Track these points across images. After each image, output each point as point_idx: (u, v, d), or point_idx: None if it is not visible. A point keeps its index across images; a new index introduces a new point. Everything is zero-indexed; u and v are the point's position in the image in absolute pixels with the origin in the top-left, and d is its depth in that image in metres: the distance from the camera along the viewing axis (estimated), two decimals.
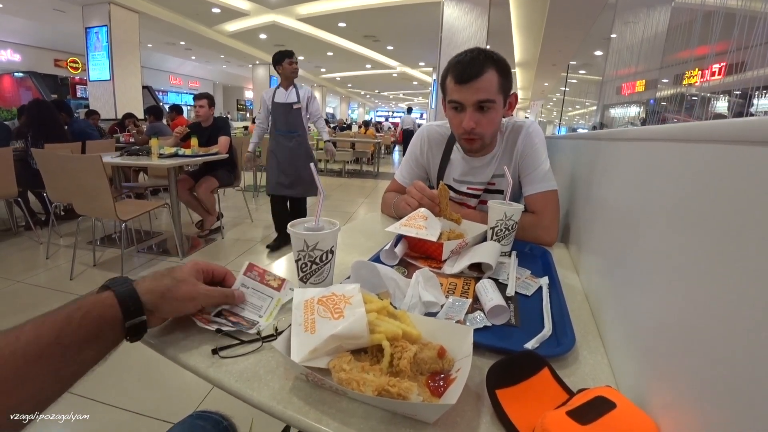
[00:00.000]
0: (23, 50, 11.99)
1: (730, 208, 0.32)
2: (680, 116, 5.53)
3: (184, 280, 0.51)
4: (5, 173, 3.07)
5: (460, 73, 0.98)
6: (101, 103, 7.75)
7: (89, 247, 3.05)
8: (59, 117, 3.79)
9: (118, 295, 0.45)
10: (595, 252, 0.76)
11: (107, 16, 7.43)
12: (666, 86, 6.23)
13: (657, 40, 5.96)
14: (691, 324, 0.34)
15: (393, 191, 1.29)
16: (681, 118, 5.48)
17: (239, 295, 0.58)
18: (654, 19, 6.07)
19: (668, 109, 6.05)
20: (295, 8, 8.36)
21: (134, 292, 0.46)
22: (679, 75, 5.66)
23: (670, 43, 5.59)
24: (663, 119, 6.01)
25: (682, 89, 5.65)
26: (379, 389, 0.38)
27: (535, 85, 15.05)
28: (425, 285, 0.62)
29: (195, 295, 0.52)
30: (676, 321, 0.37)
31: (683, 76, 5.56)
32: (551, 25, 7.61)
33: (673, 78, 5.92)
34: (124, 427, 1.39)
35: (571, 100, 18.49)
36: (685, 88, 5.58)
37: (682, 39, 5.16)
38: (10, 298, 2.36)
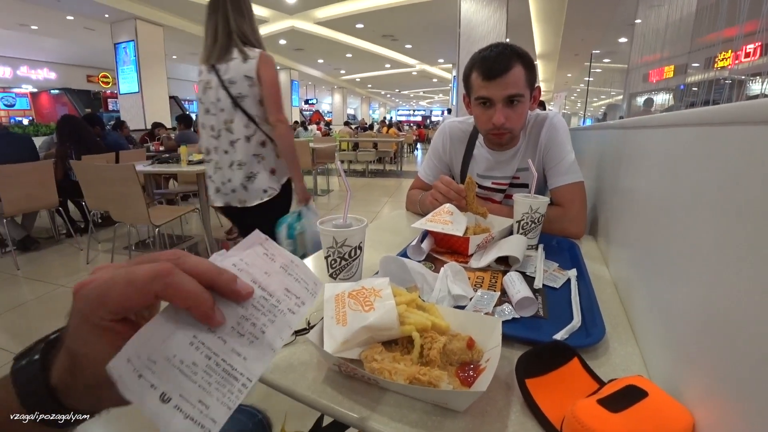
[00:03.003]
0: (58, 68, 12.65)
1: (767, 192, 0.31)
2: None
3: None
4: (47, 185, 3.25)
5: (488, 69, 0.99)
6: (131, 114, 8.09)
7: (126, 252, 3.18)
8: (91, 130, 3.98)
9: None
10: (625, 243, 0.75)
11: (134, 31, 7.75)
12: (697, 71, 5.97)
13: (685, 23, 5.70)
14: (727, 313, 0.34)
15: (417, 188, 1.30)
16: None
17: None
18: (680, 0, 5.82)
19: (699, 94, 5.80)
20: (312, 12, 8.46)
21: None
22: (711, 58, 5.42)
23: (699, 25, 5.35)
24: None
25: (714, 73, 5.41)
26: (411, 377, 0.40)
27: (557, 76, 14.70)
28: (454, 278, 0.63)
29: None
30: (710, 311, 0.37)
31: (715, 59, 5.32)
32: (572, 13, 7.42)
33: (704, 62, 5.67)
34: None
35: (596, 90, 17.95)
36: (717, 71, 5.33)
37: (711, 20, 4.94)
38: (53, 301, 2.50)
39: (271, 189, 1.62)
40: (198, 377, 0.25)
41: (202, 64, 1.59)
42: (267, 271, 0.31)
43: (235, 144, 1.57)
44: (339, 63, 14.35)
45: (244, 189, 1.58)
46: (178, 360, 0.25)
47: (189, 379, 0.25)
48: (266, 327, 0.28)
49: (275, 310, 0.30)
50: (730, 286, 0.34)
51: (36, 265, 3.12)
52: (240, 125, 1.55)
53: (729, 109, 0.40)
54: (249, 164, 1.57)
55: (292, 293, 0.31)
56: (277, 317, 0.29)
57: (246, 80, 1.52)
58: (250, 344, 0.27)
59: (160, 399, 0.24)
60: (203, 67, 1.58)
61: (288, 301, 0.31)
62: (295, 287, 0.32)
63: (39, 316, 2.32)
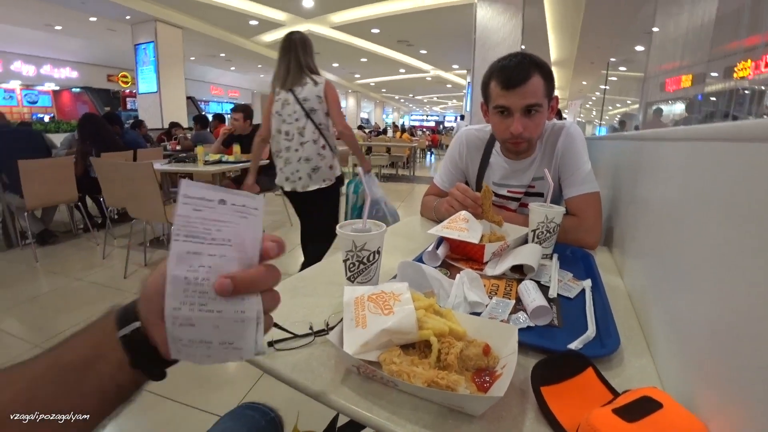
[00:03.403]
0: (80, 67, 12.95)
1: None
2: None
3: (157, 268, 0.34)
4: (67, 180, 3.34)
5: (507, 78, 1.00)
6: (149, 114, 8.25)
7: (141, 249, 3.24)
8: (110, 128, 4.07)
9: (117, 307, 0.37)
10: (640, 254, 0.75)
11: (154, 32, 7.92)
12: (715, 80, 5.87)
13: (704, 31, 5.62)
14: (743, 326, 0.34)
15: (432, 195, 1.31)
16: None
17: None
18: (700, 8, 5.73)
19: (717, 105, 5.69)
20: (329, 17, 8.54)
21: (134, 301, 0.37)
22: (730, 68, 5.33)
23: (718, 34, 5.26)
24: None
25: (733, 83, 5.31)
26: (429, 381, 0.41)
27: (572, 84, 14.59)
28: (470, 285, 0.64)
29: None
30: (726, 323, 0.37)
31: (734, 69, 5.23)
32: (588, 21, 7.37)
33: (723, 71, 5.57)
34: (176, 417, 1.48)
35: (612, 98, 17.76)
36: (736, 81, 5.24)
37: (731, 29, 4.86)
38: (70, 294, 2.56)
39: (328, 180, 2.18)
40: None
41: (278, 88, 2.12)
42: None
43: (305, 145, 2.10)
44: (354, 67, 14.44)
45: (309, 178, 2.13)
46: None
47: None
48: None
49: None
50: (745, 299, 0.34)
51: (54, 258, 3.20)
52: (309, 131, 2.09)
53: (750, 125, 0.40)
54: (314, 160, 2.12)
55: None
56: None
57: (317, 99, 2.07)
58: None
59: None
60: (280, 90, 2.12)
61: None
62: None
63: (55, 307, 2.38)
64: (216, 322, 0.32)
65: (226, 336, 0.32)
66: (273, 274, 0.35)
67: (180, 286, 0.31)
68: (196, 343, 0.32)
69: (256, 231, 0.35)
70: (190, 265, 0.32)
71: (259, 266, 0.35)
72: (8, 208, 3.33)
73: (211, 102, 17.89)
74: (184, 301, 0.31)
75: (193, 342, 0.32)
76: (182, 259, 0.32)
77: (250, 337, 0.33)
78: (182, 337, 0.31)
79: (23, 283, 2.72)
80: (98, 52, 12.27)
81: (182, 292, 0.31)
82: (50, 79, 12.73)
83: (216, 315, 0.32)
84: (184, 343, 0.31)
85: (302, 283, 0.78)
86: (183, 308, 0.31)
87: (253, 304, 0.33)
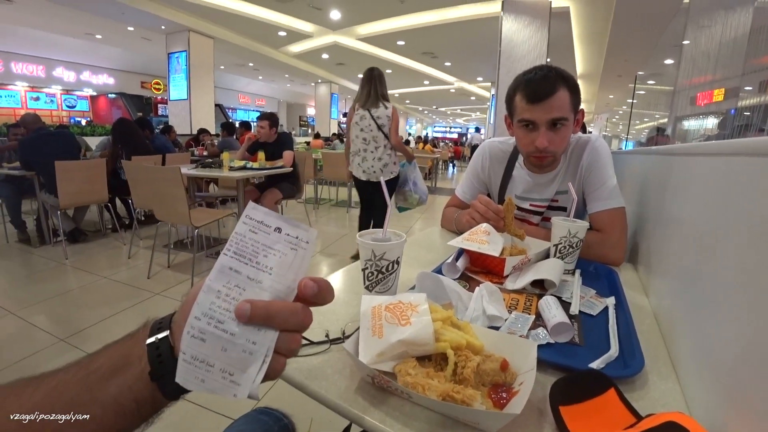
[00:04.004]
0: (116, 74, 13.61)
1: None
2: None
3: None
4: (99, 181, 3.48)
5: (533, 92, 0.99)
6: (179, 120, 8.55)
7: (165, 250, 3.33)
8: (141, 133, 4.23)
9: (154, 319, 0.37)
10: (668, 273, 0.72)
11: (186, 42, 8.25)
12: (749, 94, 5.66)
13: (737, 45, 5.43)
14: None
15: (453, 206, 1.30)
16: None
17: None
18: (733, 21, 5.55)
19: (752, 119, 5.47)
20: (355, 29, 8.69)
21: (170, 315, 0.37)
22: (765, 81, 5.13)
23: (752, 47, 5.08)
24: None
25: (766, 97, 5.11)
26: (444, 394, 0.40)
27: (599, 97, 14.34)
28: (489, 299, 0.63)
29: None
30: (761, 350, 0.35)
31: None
32: (616, 34, 7.25)
33: (757, 85, 5.37)
34: (190, 418, 1.49)
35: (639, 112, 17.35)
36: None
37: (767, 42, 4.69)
38: (96, 291, 2.65)
39: (393, 173, 3.07)
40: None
41: (359, 106, 2.95)
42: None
43: (378, 149, 2.97)
44: None
45: (381, 172, 3.00)
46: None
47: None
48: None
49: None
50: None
51: (83, 256, 3.33)
52: (380, 139, 2.95)
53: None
54: (384, 159, 2.99)
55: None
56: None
57: (386, 118, 2.92)
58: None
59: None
60: (360, 108, 2.94)
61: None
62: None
63: (82, 303, 2.47)
64: (226, 344, 0.31)
65: (229, 364, 0.32)
66: (299, 316, 0.34)
67: (210, 298, 0.32)
68: (198, 362, 0.31)
69: (301, 266, 0.34)
70: (228, 281, 0.32)
71: (286, 302, 0.34)
72: (43, 206, 3.49)
73: (239, 110, 18.38)
74: (206, 313, 0.31)
75: (196, 359, 0.31)
76: (223, 273, 0.32)
77: (252, 374, 0.32)
78: (188, 351, 0.31)
79: (53, 279, 2.83)
80: (133, 60, 12.87)
81: (209, 304, 0.32)
82: (89, 84, 13.39)
83: (228, 337, 0.31)
84: (186, 359, 0.31)
85: None
86: (202, 320, 0.31)
87: (267, 339, 0.32)
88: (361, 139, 2.97)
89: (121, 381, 0.33)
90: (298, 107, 22.22)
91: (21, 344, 1.97)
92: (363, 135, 2.95)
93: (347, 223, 4.98)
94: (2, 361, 1.83)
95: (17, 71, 11.63)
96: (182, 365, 0.31)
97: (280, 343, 0.33)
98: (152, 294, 2.59)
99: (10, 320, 2.20)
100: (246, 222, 0.34)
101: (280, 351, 0.33)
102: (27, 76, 11.91)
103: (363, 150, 2.98)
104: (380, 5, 7.10)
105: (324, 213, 5.52)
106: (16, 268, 3.11)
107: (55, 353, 1.90)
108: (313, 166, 5.58)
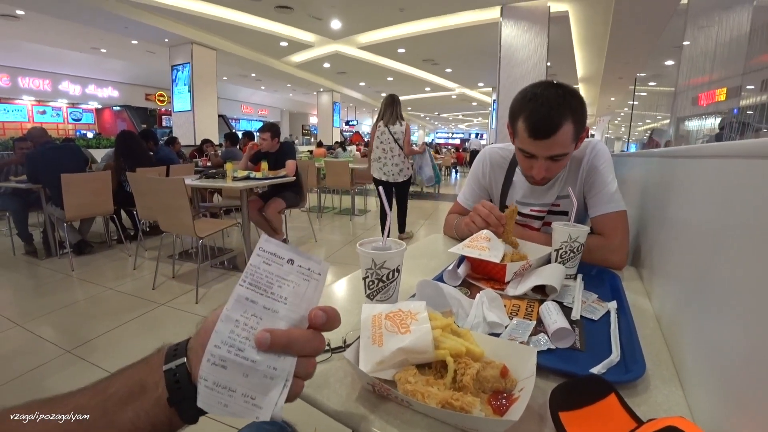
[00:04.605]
0: (120, 87, 13.80)
1: None
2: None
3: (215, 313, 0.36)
4: (104, 193, 3.51)
5: (535, 128, 0.94)
6: (183, 131, 8.63)
7: (169, 261, 3.35)
8: (144, 145, 4.27)
9: (169, 344, 0.38)
10: (671, 276, 0.72)
11: (190, 54, 8.35)
12: (752, 93, 5.64)
13: (738, 44, 5.43)
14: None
15: (455, 213, 1.30)
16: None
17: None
18: (733, 20, 5.56)
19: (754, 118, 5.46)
20: (356, 38, 8.76)
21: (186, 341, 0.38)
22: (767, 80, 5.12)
23: (753, 46, 5.08)
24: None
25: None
26: (443, 402, 0.40)
27: (600, 100, 14.33)
28: (489, 305, 0.63)
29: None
30: (765, 353, 0.35)
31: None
32: (616, 37, 7.27)
33: (760, 84, 5.36)
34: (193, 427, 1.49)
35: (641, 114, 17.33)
36: None
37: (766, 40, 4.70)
38: (101, 302, 2.67)
39: (407, 176, 3.94)
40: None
41: (381, 123, 3.79)
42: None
43: (394, 156, 3.82)
44: (380, 86, 14.69)
45: (398, 174, 3.87)
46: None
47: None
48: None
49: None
50: None
51: (89, 268, 3.35)
52: (395, 149, 3.80)
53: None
54: (400, 165, 3.85)
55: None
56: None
57: (401, 133, 3.76)
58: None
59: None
60: (382, 124, 3.79)
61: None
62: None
63: (88, 315, 2.48)
64: (247, 371, 0.33)
65: (251, 389, 0.33)
66: (314, 342, 0.36)
67: (228, 327, 0.33)
68: (220, 388, 0.33)
69: (314, 296, 0.37)
70: (245, 311, 0.34)
71: (302, 330, 0.36)
72: (49, 218, 3.52)
73: (242, 120, 18.54)
74: (226, 342, 0.33)
75: (218, 385, 0.33)
76: (240, 303, 0.34)
77: (274, 397, 0.34)
78: (209, 378, 0.33)
79: (60, 291, 2.85)
80: (138, 73, 13.04)
81: (228, 333, 0.33)
82: (94, 98, 13.57)
83: (250, 364, 0.33)
84: (208, 385, 0.33)
85: (322, 299, 0.79)
86: (222, 348, 0.33)
87: (287, 365, 0.34)
88: (381, 149, 3.85)
89: (137, 406, 0.34)
90: (301, 116, 22.38)
91: (28, 356, 1.98)
92: (383, 146, 3.83)
93: (351, 231, 4.98)
94: (10, 372, 1.84)
95: (24, 86, 11.81)
96: (204, 391, 0.33)
97: (299, 367, 0.35)
98: (157, 305, 2.60)
99: (17, 332, 2.22)
100: (260, 254, 0.36)
101: (298, 375, 0.35)
102: (33, 90, 12.10)
103: (383, 157, 3.86)
104: (380, 14, 7.16)
105: (328, 221, 5.53)
106: (23, 280, 3.13)
107: (61, 365, 1.91)
108: (316, 174, 5.60)
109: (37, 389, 1.74)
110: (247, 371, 0.33)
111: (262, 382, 0.33)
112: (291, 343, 0.34)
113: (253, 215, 3.55)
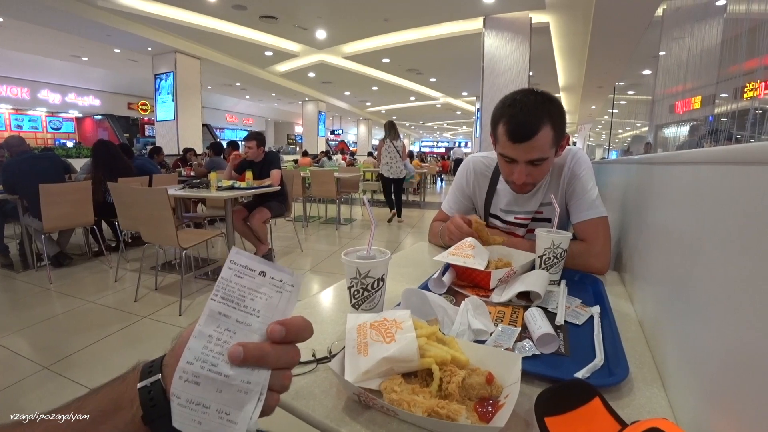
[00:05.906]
0: (102, 96, 13.54)
1: None
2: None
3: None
4: (84, 204, 3.42)
5: (514, 132, 0.97)
6: (166, 140, 8.52)
7: (152, 273, 3.28)
8: (122, 154, 4.14)
9: (144, 362, 0.38)
10: (652, 280, 0.74)
11: (173, 63, 8.27)
12: (725, 101, 5.87)
13: (711, 54, 5.68)
14: (762, 357, 0.33)
15: (440, 221, 1.31)
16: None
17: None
18: (705, 32, 5.80)
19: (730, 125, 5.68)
20: (341, 47, 8.82)
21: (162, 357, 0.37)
22: (739, 88, 5.34)
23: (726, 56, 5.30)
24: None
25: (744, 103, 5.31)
26: (429, 410, 0.40)
27: (581, 108, 14.66)
28: (474, 312, 0.63)
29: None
30: (744, 354, 0.36)
31: (743, 89, 5.24)
32: (595, 47, 7.48)
33: (732, 92, 5.58)
34: None
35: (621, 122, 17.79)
36: (747, 101, 5.24)
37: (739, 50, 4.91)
38: (81, 316, 2.59)
39: (403, 175, 5.90)
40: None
41: (388, 139, 5.69)
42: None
43: (398, 162, 5.77)
44: (365, 95, 14.77)
45: (398, 173, 5.82)
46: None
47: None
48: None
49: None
50: (764, 329, 0.33)
51: (68, 281, 3.25)
52: (396, 157, 5.74)
53: (753, 148, 0.39)
54: (399, 167, 5.80)
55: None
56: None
57: (401, 146, 5.79)
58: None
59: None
60: (388, 141, 5.69)
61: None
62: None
63: (67, 329, 2.40)
64: (221, 386, 0.32)
65: (225, 404, 0.32)
66: (288, 355, 0.35)
67: (201, 342, 0.33)
68: (193, 405, 0.32)
69: (287, 308, 0.36)
70: (218, 326, 0.33)
71: (275, 343, 0.35)
72: (27, 230, 3.42)
73: (227, 129, 18.39)
74: (198, 357, 0.32)
75: (191, 403, 0.32)
76: (212, 318, 0.33)
77: (248, 411, 0.33)
78: (182, 395, 0.32)
79: (37, 305, 2.76)
80: (120, 82, 12.84)
81: (201, 348, 0.32)
82: (74, 106, 13.30)
83: (223, 379, 0.32)
84: (181, 402, 0.32)
85: (307, 309, 0.79)
86: (195, 364, 0.32)
87: (261, 378, 0.34)
88: (388, 157, 5.68)
89: (112, 425, 0.33)
90: (286, 125, 22.32)
91: (2, 373, 1.90)
92: (389, 155, 5.67)
93: (337, 241, 4.96)
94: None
95: (1, 93, 11.52)
96: (177, 409, 0.32)
97: (273, 380, 0.34)
98: (140, 317, 2.54)
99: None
100: (231, 267, 0.35)
101: (273, 388, 0.35)
102: (11, 99, 11.80)
103: (389, 162, 5.70)
104: (365, 24, 7.23)
105: (314, 231, 5.50)
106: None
107: (38, 382, 1.84)
108: (301, 184, 5.59)
109: (12, 408, 1.68)
110: (220, 386, 0.32)
111: (236, 397, 0.32)
112: (264, 356, 0.34)
113: (238, 225, 3.51)
